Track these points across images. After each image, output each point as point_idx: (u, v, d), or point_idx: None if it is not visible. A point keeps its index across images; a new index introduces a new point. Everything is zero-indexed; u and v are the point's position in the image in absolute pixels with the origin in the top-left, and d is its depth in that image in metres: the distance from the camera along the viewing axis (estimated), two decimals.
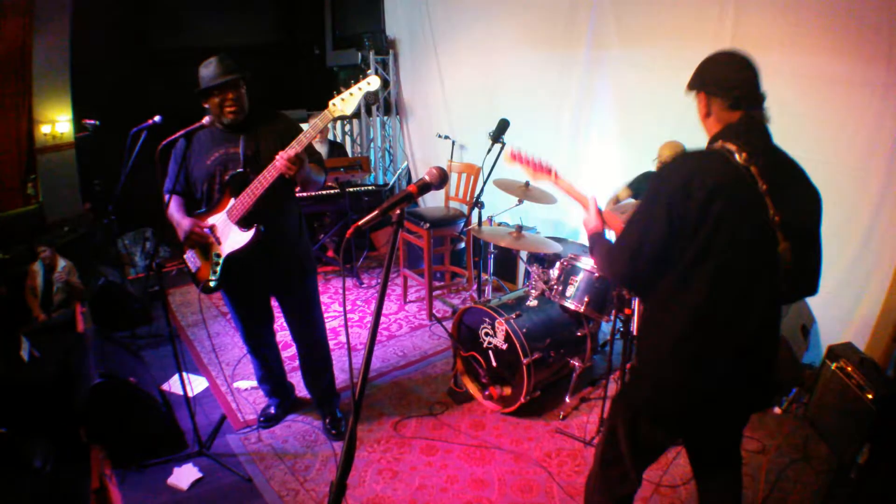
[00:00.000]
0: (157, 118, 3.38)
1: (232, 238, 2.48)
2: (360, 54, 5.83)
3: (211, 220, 2.52)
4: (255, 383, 3.35)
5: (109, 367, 2.76)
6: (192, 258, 2.65)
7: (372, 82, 2.31)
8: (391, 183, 6.08)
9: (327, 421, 2.97)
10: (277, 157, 2.30)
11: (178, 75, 6.46)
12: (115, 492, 2.51)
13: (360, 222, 1.39)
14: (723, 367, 1.54)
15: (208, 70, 2.44)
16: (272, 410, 3.05)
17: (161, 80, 6.11)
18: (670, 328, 1.54)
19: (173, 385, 3.30)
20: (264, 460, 2.75)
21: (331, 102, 2.32)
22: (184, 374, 2.69)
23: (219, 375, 3.49)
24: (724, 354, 1.53)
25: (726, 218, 1.44)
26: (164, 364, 3.54)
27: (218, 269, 2.53)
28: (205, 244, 2.56)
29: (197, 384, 3.37)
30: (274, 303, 2.89)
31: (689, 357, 1.54)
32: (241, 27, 6.85)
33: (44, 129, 5.03)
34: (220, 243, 2.51)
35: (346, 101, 2.30)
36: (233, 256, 2.48)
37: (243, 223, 2.45)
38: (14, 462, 2.49)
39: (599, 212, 1.89)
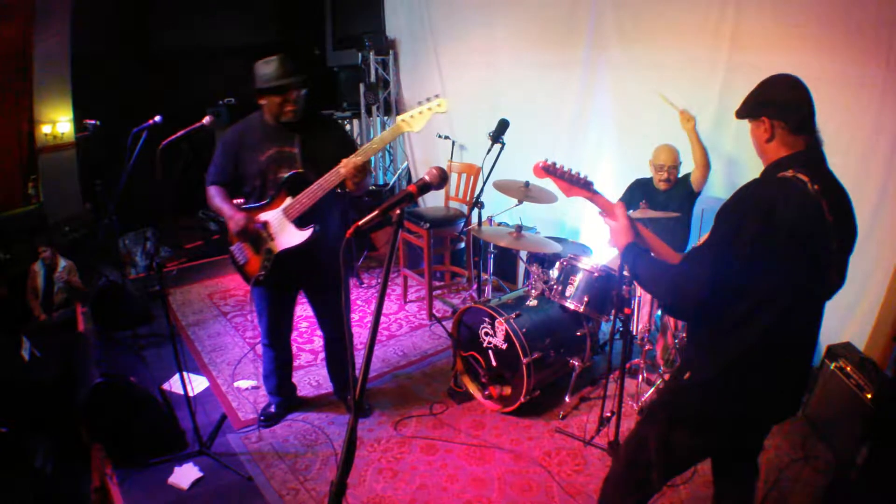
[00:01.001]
0: (157, 118, 3.39)
1: (287, 235, 2.54)
2: (360, 55, 5.83)
3: (264, 216, 2.56)
4: (255, 382, 3.36)
5: (110, 367, 2.78)
6: (239, 251, 2.69)
7: (442, 104, 2.39)
8: (391, 183, 6.08)
9: (348, 401, 3.10)
10: (343, 163, 2.37)
11: (178, 75, 6.52)
12: (115, 491, 2.52)
13: (360, 222, 1.39)
14: (780, 383, 1.58)
15: (270, 68, 2.47)
16: (272, 409, 3.07)
17: (161, 80, 6.13)
18: (733, 351, 1.54)
19: (174, 384, 3.31)
20: (265, 459, 2.76)
21: (400, 118, 2.39)
22: (184, 373, 2.69)
23: (219, 375, 3.49)
24: (782, 371, 1.57)
25: (805, 252, 1.46)
26: (164, 364, 3.55)
27: (269, 263, 2.59)
28: (256, 238, 2.60)
29: (197, 384, 3.37)
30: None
31: (754, 375, 1.55)
32: (242, 27, 6.86)
33: (44, 129, 5.03)
34: (273, 239, 2.56)
35: (415, 119, 2.38)
36: (285, 253, 2.54)
37: (300, 222, 2.51)
38: (15, 462, 2.50)
39: (631, 222, 1.74)
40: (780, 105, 1.57)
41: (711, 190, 3.46)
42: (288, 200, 2.51)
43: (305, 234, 2.51)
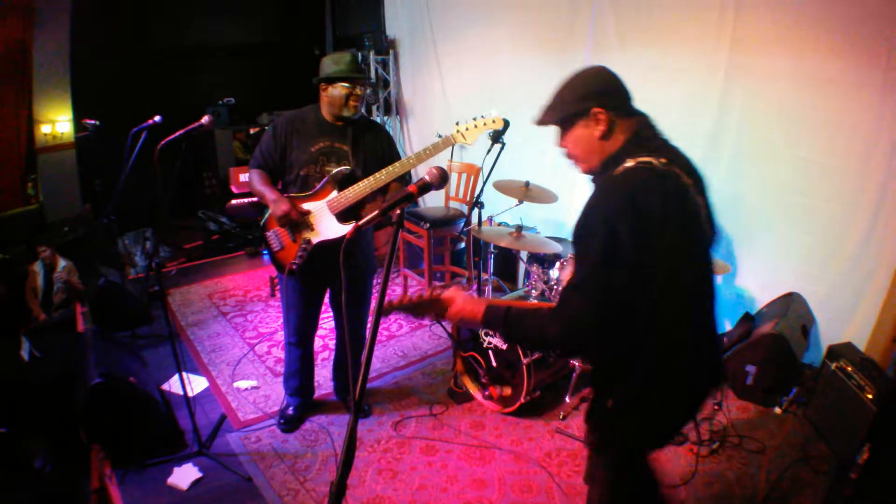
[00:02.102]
0: (157, 118, 3.39)
1: (328, 228, 2.57)
2: (360, 54, 5.83)
3: (307, 206, 2.58)
4: (255, 383, 3.37)
5: (109, 367, 2.76)
6: (275, 237, 2.68)
7: (497, 120, 2.43)
8: None
9: (348, 402, 3.11)
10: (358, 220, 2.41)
11: (178, 75, 6.51)
12: (114, 492, 2.51)
13: (360, 222, 1.39)
14: (699, 364, 1.52)
15: (343, 60, 2.54)
16: (291, 412, 3.02)
17: (161, 80, 6.13)
18: (641, 367, 1.43)
19: (173, 385, 3.30)
20: (264, 460, 2.75)
21: (455, 129, 2.43)
22: (184, 373, 2.69)
23: (219, 375, 3.49)
24: (698, 353, 1.50)
25: (683, 230, 1.39)
26: (164, 364, 3.54)
27: (305, 254, 2.60)
28: (295, 226, 2.61)
29: (197, 384, 3.37)
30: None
31: (671, 371, 1.45)
32: (241, 27, 6.86)
33: (44, 129, 5.03)
34: (312, 229, 2.59)
35: (469, 132, 2.42)
36: (322, 245, 2.57)
37: (342, 216, 2.54)
38: (14, 462, 2.49)
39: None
40: (605, 92, 1.46)
41: (713, 190, 3.44)
42: (333, 193, 2.53)
43: (347, 228, 2.52)
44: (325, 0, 6.87)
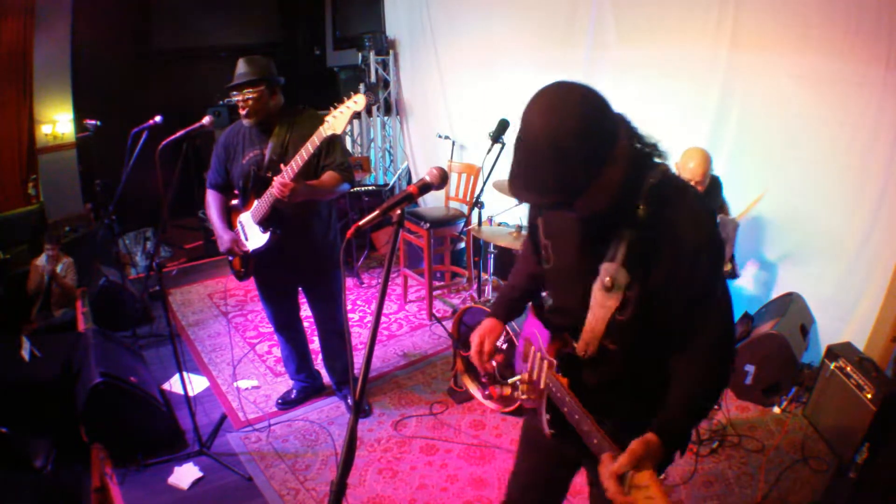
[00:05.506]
0: (157, 118, 3.40)
1: (253, 237, 2.70)
2: (360, 55, 5.83)
3: (242, 216, 2.72)
4: (255, 382, 3.38)
5: (110, 367, 2.77)
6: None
7: (358, 101, 2.33)
8: (391, 183, 6.08)
9: (348, 401, 3.13)
10: (274, 182, 2.42)
11: (178, 75, 6.52)
12: (115, 491, 2.52)
13: (360, 222, 1.39)
14: None
15: (236, 69, 2.57)
16: (292, 395, 3.18)
17: (161, 80, 6.13)
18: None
19: (174, 384, 3.31)
20: (265, 459, 2.76)
21: (326, 123, 2.35)
22: (184, 373, 2.70)
23: (219, 375, 3.50)
24: None
25: None
26: (164, 363, 3.55)
27: (247, 261, 2.76)
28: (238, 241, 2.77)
29: (197, 384, 3.38)
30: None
31: None
32: (242, 27, 6.85)
33: (45, 129, 5.04)
34: (247, 239, 2.72)
35: (337, 119, 2.35)
36: (256, 252, 2.69)
37: (262, 225, 2.62)
38: (15, 461, 2.50)
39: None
40: (621, 123, 1.30)
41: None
42: (255, 203, 2.61)
43: (265, 237, 2.62)
44: (326, 1, 6.87)
